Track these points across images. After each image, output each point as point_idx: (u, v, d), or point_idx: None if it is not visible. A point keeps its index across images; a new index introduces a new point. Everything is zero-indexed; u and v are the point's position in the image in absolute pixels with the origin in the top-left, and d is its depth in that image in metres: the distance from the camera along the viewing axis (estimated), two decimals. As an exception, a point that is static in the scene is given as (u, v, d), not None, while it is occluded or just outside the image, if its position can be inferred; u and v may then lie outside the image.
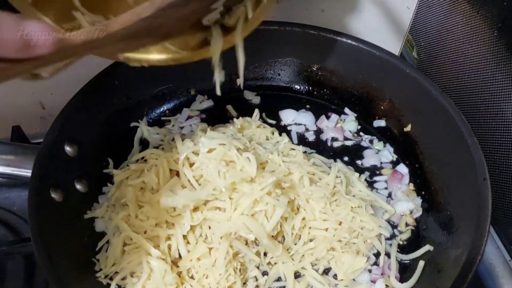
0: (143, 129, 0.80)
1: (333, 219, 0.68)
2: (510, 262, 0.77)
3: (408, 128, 0.80)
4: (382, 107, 0.83)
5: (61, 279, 0.56)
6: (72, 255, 0.63)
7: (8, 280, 0.70)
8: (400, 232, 0.71)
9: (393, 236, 0.71)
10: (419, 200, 0.75)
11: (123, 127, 0.79)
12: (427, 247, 0.68)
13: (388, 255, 0.68)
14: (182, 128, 0.82)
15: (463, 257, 0.58)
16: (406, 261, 0.68)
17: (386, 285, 0.65)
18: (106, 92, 0.74)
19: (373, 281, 0.66)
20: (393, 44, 0.93)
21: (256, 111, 0.84)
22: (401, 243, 0.70)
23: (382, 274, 0.66)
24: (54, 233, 0.61)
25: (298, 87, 0.88)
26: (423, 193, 0.75)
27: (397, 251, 0.69)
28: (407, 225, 0.72)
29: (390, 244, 0.69)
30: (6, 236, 0.73)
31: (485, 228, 0.59)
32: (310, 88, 0.88)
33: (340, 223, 0.68)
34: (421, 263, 0.66)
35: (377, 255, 0.68)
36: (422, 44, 1.00)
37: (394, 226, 0.72)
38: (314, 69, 0.85)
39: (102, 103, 0.74)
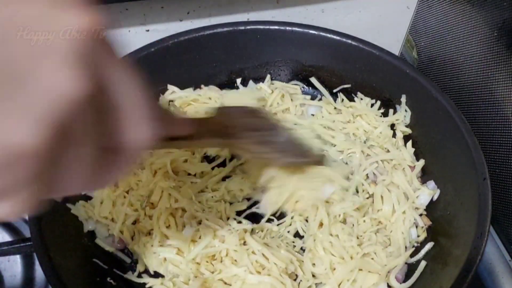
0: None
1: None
2: (510, 262, 0.77)
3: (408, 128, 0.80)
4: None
5: (61, 279, 0.56)
6: (72, 255, 0.63)
7: (7, 280, 0.70)
8: (417, 235, 0.70)
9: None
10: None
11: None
12: (429, 245, 0.67)
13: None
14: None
15: (463, 257, 0.58)
16: (408, 262, 0.68)
17: (388, 285, 0.65)
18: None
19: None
20: (393, 44, 0.93)
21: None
22: (416, 244, 0.69)
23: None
24: (54, 233, 0.61)
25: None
26: (423, 193, 0.75)
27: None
28: (422, 226, 0.70)
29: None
30: (6, 236, 0.74)
31: (486, 227, 0.58)
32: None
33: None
34: (423, 263, 0.66)
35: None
36: (422, 44, 1.00)
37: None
38: (314, 69, 0.85)
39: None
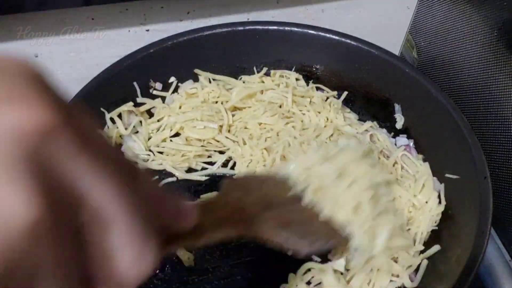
0: (143, 129, 0.79)
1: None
2: (510, 262, 0.77)
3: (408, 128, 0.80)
4: (382, 107, 0.83)
5: (61, 279, 0.56)
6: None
7: (7, 281, 0.70)
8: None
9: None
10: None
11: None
12: (437, 247, 0.66)
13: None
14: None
15: (465, 256, 0.58)
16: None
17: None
18: (106, 93, 0.74)
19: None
20: (393, 44, 0.93)
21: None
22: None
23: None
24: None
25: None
26: (423, 192, 0.75)
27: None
28: None
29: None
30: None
31: (486, 226, 0.58)
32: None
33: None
34: (425, 262, 0.65)
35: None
36: (422, 44, 1.00)
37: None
38: (314, 69, 0.85)
39: (102, 104, 0.74)
